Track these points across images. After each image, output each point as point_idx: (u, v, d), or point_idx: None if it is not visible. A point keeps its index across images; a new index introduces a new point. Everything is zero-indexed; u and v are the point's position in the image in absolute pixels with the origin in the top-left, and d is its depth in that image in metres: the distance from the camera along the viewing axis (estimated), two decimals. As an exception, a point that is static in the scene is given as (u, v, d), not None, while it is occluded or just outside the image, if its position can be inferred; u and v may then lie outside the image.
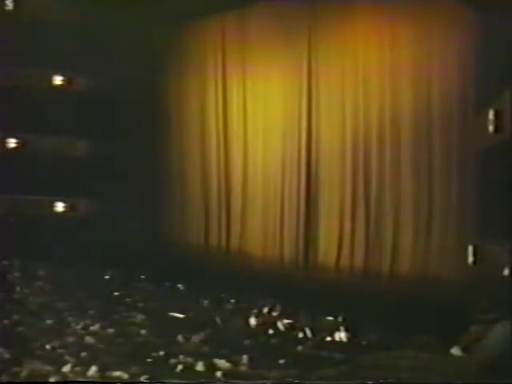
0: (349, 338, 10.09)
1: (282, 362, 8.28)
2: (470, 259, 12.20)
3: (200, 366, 7.81)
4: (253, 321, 11.02)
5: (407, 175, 14.28)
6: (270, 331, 10.44)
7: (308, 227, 15.98)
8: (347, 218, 15.24)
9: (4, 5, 17.64)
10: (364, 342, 9.92)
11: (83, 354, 8.20)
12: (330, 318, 11.41)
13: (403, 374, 7.36)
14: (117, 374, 7.34)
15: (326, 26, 15.67)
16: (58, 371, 7.36)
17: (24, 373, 7.25)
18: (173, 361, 8.06)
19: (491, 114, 11.04)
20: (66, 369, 7.46)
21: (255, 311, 11.86)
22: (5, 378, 7.14)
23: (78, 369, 7.48)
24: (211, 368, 7.79)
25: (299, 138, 16.25)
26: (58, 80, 18.97)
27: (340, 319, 11.24)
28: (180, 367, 7.78)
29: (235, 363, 8.06)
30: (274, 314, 11.82)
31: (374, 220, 14.79)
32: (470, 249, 12.20)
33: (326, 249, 15.62)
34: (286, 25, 16.31)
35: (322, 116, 15.92)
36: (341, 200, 15.43)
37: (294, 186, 16.35)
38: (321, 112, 15.93)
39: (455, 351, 8.55)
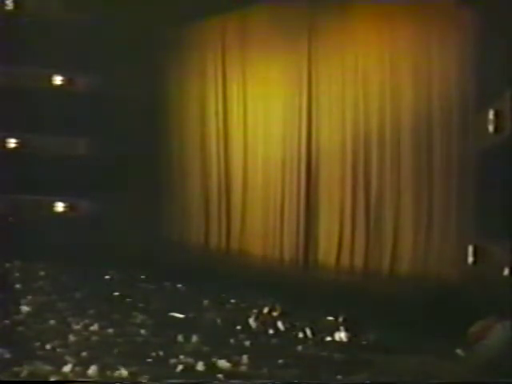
0: (349, 338, 10.08)
1: (281, 362, 8.27)
2: (470, 259, 12.20)
3: (200, 366, 7.80)
4: (253, 321, 11.01)
5: (407, 175, 14.28)
6: (270, 331, 10.43)
7: (308, 227, 16.00)
8: (347, 218, 15.26)
9: (4, 5, 17.65)
10: (364, 342, 9.92)
11: (83, 353, 8.19)
12: (330, 318, 11.40)
13: (403, 373, 7.37)
14: (117, 373, 7.34)
15: (325, 26, 15.67)
16: (58, 371, 7.36)
17: (24, 373, 7.25)
18: (173, 361, 8.06)
19: (491, 114, 11.05)
20: (67, 369, 7.46)
21: (255, 311, 11.85)
22: (5, 378, 7.14)
23: (78, 369, 7.47)
24: (211, 368, 7.79)
25: (299, 137, 16.27)
26: (58, 80, 18.97)
27: (340, 319, 11.22)
28: (180, 367, 7.77)
29: (235, 363, 8.05)
30: (274, 313, 11.80)
31: (374, 220, 14.80)
32: (470, 249, 12.20)
33: (326, 248, 15.63)
34: (286, 25, 16.32)
35: (322, 116, 15.93)
36: (341, 199, 15.45)
37: (294, 186, 16.37)
38: (321, 112, 15.94)
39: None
